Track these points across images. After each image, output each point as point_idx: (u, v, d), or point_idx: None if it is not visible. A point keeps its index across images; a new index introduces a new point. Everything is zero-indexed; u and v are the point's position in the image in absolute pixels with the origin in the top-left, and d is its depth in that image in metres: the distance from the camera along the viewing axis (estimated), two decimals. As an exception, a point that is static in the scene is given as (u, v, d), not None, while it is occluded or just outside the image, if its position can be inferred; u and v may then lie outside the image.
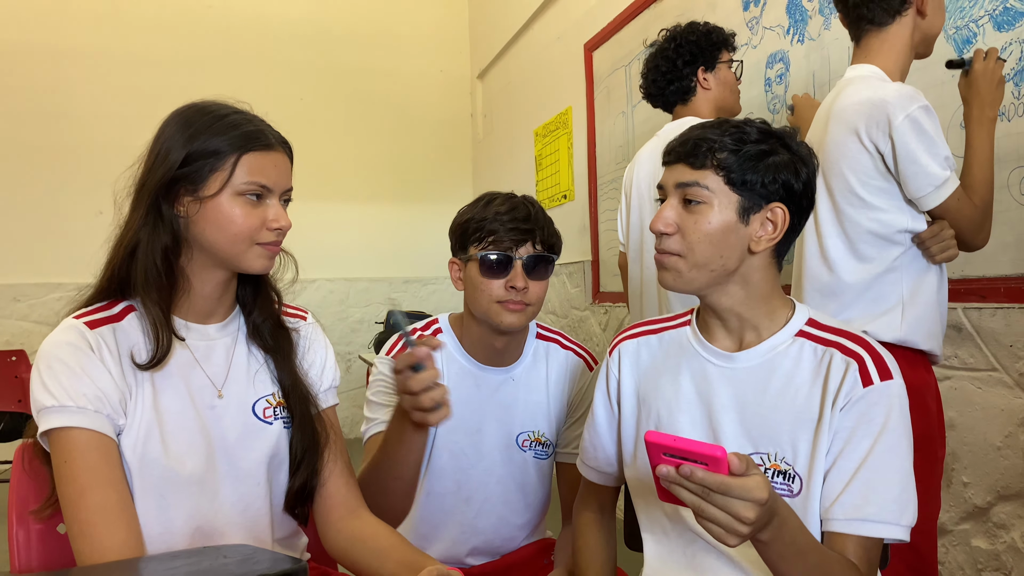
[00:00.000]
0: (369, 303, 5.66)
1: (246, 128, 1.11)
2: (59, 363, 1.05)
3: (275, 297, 1.27)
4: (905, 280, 1.59)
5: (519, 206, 1.49)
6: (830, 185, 1.64)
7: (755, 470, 0.86)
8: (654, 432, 0.86)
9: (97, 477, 1.02)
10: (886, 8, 1.62)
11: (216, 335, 1.20)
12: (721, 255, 1.11)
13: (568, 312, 4.26)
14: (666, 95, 2.24)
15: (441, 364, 1.59)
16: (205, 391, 1.16)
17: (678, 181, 1.12)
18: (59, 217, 4.85)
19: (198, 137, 1.09)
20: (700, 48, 2.16)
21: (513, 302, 1.46)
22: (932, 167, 1.51)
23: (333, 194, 5.53)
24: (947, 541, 2.05)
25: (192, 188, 1.09)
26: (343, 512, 1.23)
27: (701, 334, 1.21)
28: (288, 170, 1.17)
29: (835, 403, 1.08)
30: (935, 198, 1.53)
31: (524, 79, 5.03)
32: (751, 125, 1.12)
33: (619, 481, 1.35)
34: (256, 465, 1.17)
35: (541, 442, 1.61)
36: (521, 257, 1.46)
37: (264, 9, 5.46)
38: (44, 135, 4.90)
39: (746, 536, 0.86)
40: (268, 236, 1.12)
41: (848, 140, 1.59)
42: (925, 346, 1.59)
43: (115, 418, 1.06)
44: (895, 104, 1.52)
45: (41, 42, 4.92)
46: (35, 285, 4.85)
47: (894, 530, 1.04)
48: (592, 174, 3.99)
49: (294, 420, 1.22)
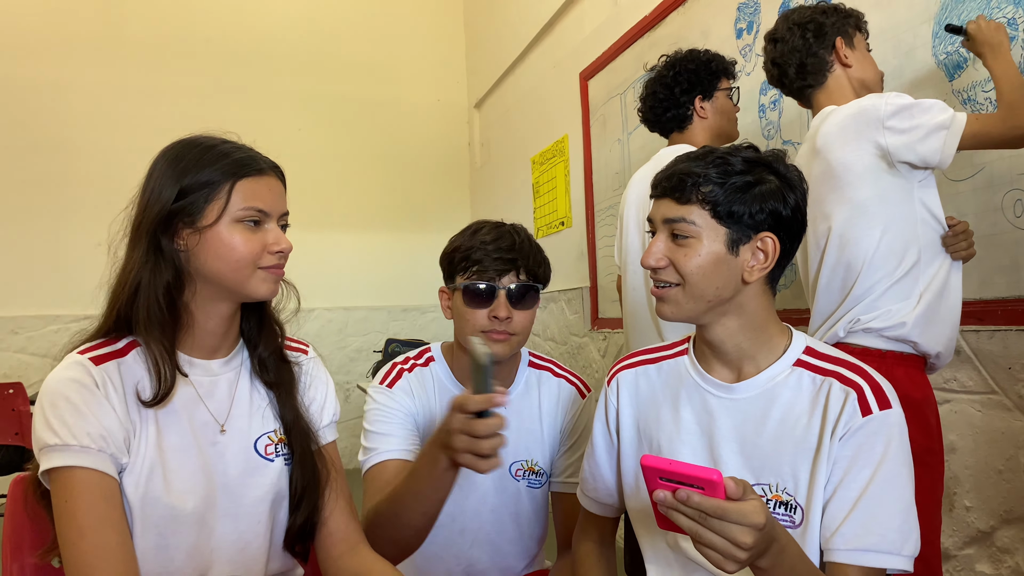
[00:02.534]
0: (368, 332, 5.65)
1: (237, 156, 1.12)
2: (64, 401, 1.04)
3: (278, 331, 1.26)
4: (925, 271, 1.64)
5: (505, 235, 1.49)
6: (846, 199, 1.67)
7: (752, 494, 0.85)
8: (650, 456, 0.86)
9: (97, 518, 1.01)
10: (815, 73, 1.81)
11: (220, 371, 1.19)
12: (716, 286, 1.11)
13: (567, 339, 4.26)
14: (662, 122, 2.24)
15: (432, 392, 1.59)
16: (208, 428, 1.15)
17: (665, 217, 1.13)
18: (57, 249, 4.86)
19: (190, 171, 1.09)
20: (698, 77, 2.16)
21: (497, 332, 1.47)
22: (934, 118, 1.57)
23: (332, 223, 5.54)
24: (951, 567, 2.04)
25: (190, 220, 1.09)
26: (344, 548, 1.22)
27: (700, 364, 1.21)
28: (283, 194, 1.17)
29: (834, 433, 1.07)
30: (953, 137, 1.56)
31: (521, 108, 5.07)
32: (737, 155, 1.12)
33: (619, 512, 1.34)
34: (257, 503, 1.16)
35: (535, 471, 1.60)
36: (505, 287, 1.46)
37: (262, 41, 5.51)
38: (42, 167, 4.92)
39: (744, 562, 0.86)
40: (270, 260, 1.12)
41: (849, 157, 1.65)
42: (928, 343, 1.62)
43: (118, 457, 1.05)
44: (873, 105, 1.63)
45: (39, 75, 4.96)
46: (33, 317, 4.84)
47: (896, 560, 1.03)
48: (589, 201, 4.01)
49: (294, 456, 1.21)
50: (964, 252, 1.68)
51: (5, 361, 4.80)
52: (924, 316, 1.62)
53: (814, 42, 1.79)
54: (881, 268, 1.64)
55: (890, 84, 2.16)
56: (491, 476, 1.56)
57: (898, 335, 1.62)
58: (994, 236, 1.89)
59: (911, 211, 1.64)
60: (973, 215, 1.92)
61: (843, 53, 1.79)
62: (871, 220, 1.65)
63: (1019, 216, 1.83)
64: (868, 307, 1.65)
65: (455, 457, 1.16)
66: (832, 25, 1.80)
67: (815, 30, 1.79)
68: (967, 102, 1.95)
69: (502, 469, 1.57)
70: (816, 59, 1.80)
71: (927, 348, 1.63)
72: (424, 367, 1.62)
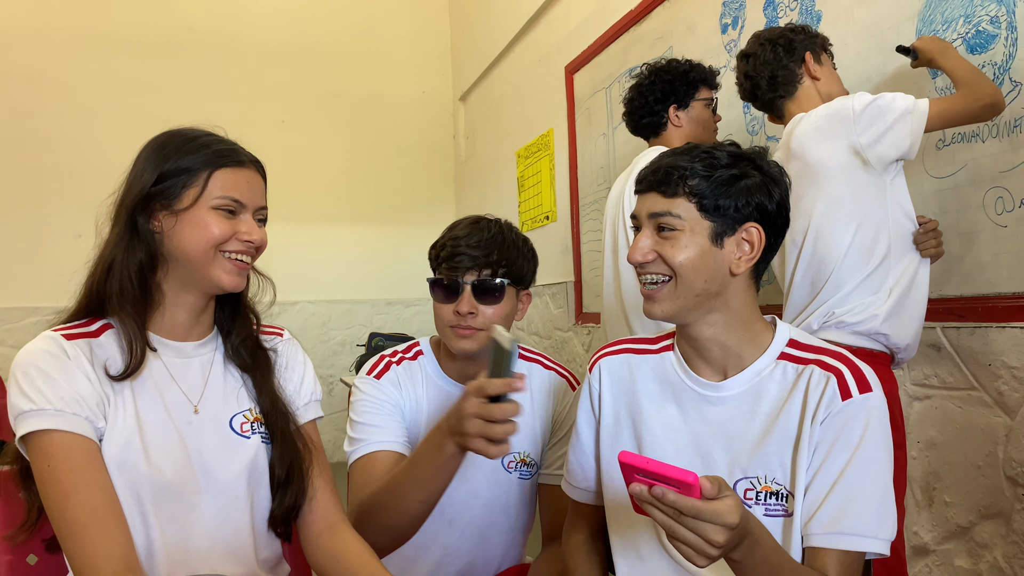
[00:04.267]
0: (351, 325, 5.63)
1: (218, 147, 1.15)
2: (35, 369, 1.05)
3: (253, 319, 1.28)
4: (895, 266, 1.73)
5: (477, 231, 1.49)
6: (824, 195, 1.76)
7: (727, 491, 0.86)
8: (627, 453, 0.86)
9: (82, 478, 1.02)
10: (785, 83, 1.91)
11: (193, 353, 1.20)
12: (704, 279, 1.11)
13: (551, 333, 4.26)
14: (640, 127, 2.34)
15: (420, 386, 1.59)
16: (181, 407, 1.16)
17: (651, 211, 1.14)
18: (37, 241, 4.80)
19: (171, 157, 1.12)
20: (672, 88, 2.25)
21: (461, 327, 1.47)
22: (897, 107, 1.67)
23: (315, 216, 5.51)
24: (930, 561, 2.06)
25: (166, 203, 1.12)
26: (323, 527, 1.22)
27: (685, 362, 1.21)
28: (262, 189, 1.19)
29: (815, 417, 1.08)
30: (919, 119, 1.66)
31: (506, 101, 5.06)
32: (721, 149, 1.13)
33: None
34: (234, 478, 1.17)
35: (526, 463, 1.61)
36: (467, 282, 1.47)
37: (245, 32, 5.45)
38: (21, 159, 4.85)
39: (716, 557, 0.87)
40: (236, 245, 1.14)
41: (824, 156, 1.74)
42: (897, 336, 1.72)
43: (94, 421, 1.06)
44: (844, 104, 1.73)
45: (18, 66, 4.88)
46: (12, 309, 4.78)
47: (873, 543, 1.04)
48: (574, 195, 4.01)
49: (275, 440, 1.21)
50: (933, 250, 1.77)
51: (-17, 353, 4.74)
52: (894, 310, 1.71)
53: (784, 56, 1.91)
54: (854, 263, 1.73)
55: (874, 80, 2.17)
56: (483, 469, 1.57)
57: (869, 329, 1.70)
58: (975, 233, 1.90)
59: (883, 208, 1.73)
60: (955, 212, 1.93)
61: (812, 67, 1.90)
62: (846, 216, 1.73)
63: (1000, 213, 1.85)
64: (841, 300, 1.73)
65: (465, 442, 1.16)
66: (801, 42, 1.92)
67: (785, 45, 1.91)
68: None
69: (495, 461, 1.57)
70: (787, 71, 1.91)
71: (896, 341, 1.72)
72: (412, 360, 1.62)
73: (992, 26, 1.86)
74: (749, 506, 1.12)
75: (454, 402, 1.56)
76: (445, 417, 1.22)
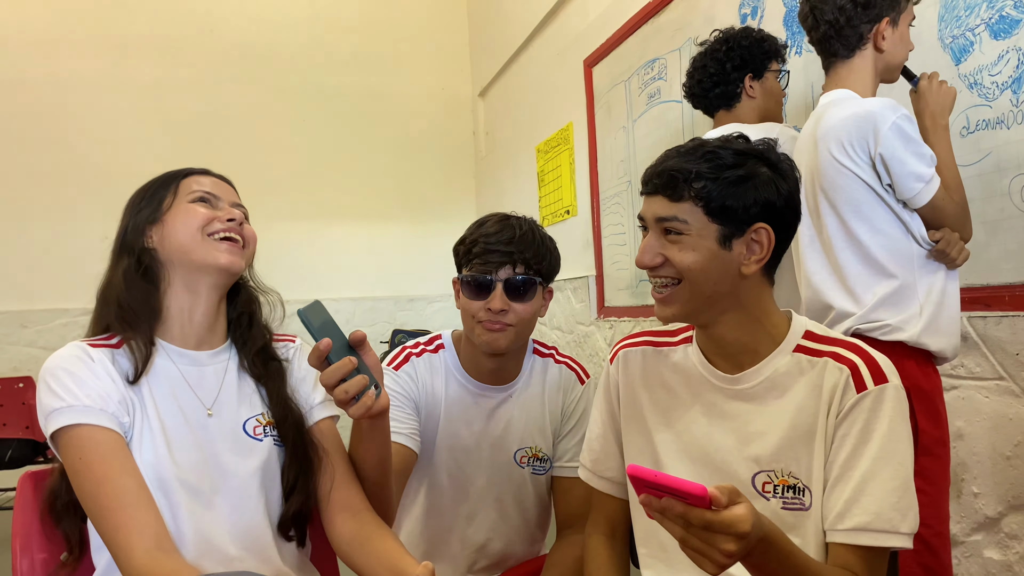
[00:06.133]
0: (374, 322, 5.66)
1: (179, 168, 1.29)
2: (63, 371, 1.12)
3: (266, 334, 1.33)
4: (921, 285, 1.63)
5: (507, 228, 1.50)
6: (834, 202, 1.67)
7: (740, 499, 0.85)
8: (636, 467, 0.85)
9: (113, 466, 1.07)
10: (845, 44, 1.73)
11: (207, 361, 1.25)
12: (713, 281, 1.10)
13: (573, 328, 4.26)
14: (710, 98, 2.18)
15: (441, 380, 1.60)
16: (196, 412, 1.20)
17: (657, 215, 1.12)
18: (64, 243, 4.87)
19: (148, 188, 1.27)
20: (751, 55, 2.11)
21: (491, 323, 1.48)
22: (919, 167, 1.59)
23: (336, 214, 5.54)
24: (959, 552, 2.03)
25: (152, 218, 1.23)
26: (347, 515, 1.24)
27: (703, 355, 1.20)
28: (232, 191, 1.30)
29: (830, 411, 1.07)
30: (925, 195, 1.60)
31: (525, 96, 5.05)
32: (727, 147, 1.10)
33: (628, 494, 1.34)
34: (248, 477, 1.20)
35: (539, 457, 1.62)
36: (501, 279, 1.48)
37: (265, 33, 5.49)
38: (48, 161, 4.93)
39: (728, 565, 0.86)
40: (220, 225, 1.22)
41: (841, 158, 1.64)
42: (938, 346, 1.63)
43: (119, 416, 1.12)
44: (880, 115, 1.60)
45: (43, 69, 4.96)
46: (42, 311, 4.86)
47: (895, 539, 1.02)
48: (594, 189, 4.00)
49: (287, 447, 1.25)
50: (960, 259, 1.66)
51: (15, 355, 4.82)
52: (927, 330, 1.61)
53: (861, 12, 1.70)
54: (874, 276, 1.64)
55: (896, 69, 2.14)
56: (496, 464, 1.59)
57: (907, 338, 1.61)
58: (1001, 221, 1.88)
59: (899, 222, 1.64)
60: (980, 200, 1.91)
61: (883, 34, 1.70)
62: (863, 225, 1.64)
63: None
64: (863, 318, 1.63)
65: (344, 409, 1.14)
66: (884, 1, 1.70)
67: (864, 1, 1.69)
68: (973, 86, 1.93)
69: (507, 455, 1.59)
70: (853, 31, 1.71)
71: (935, 351, 1.64)
72: (434, 353, 1.63)
73: (1016, 11, 1.83)
74: (767, 499, 1.11)
75: (471, 396, 1.59)
76: None
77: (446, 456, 1.58)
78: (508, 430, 1.60)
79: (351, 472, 1.28)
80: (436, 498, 1.59)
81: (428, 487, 1.60)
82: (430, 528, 1.60)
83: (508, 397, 1.61)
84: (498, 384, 1.60)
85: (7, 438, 3.94)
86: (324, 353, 1.08)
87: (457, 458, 1.58)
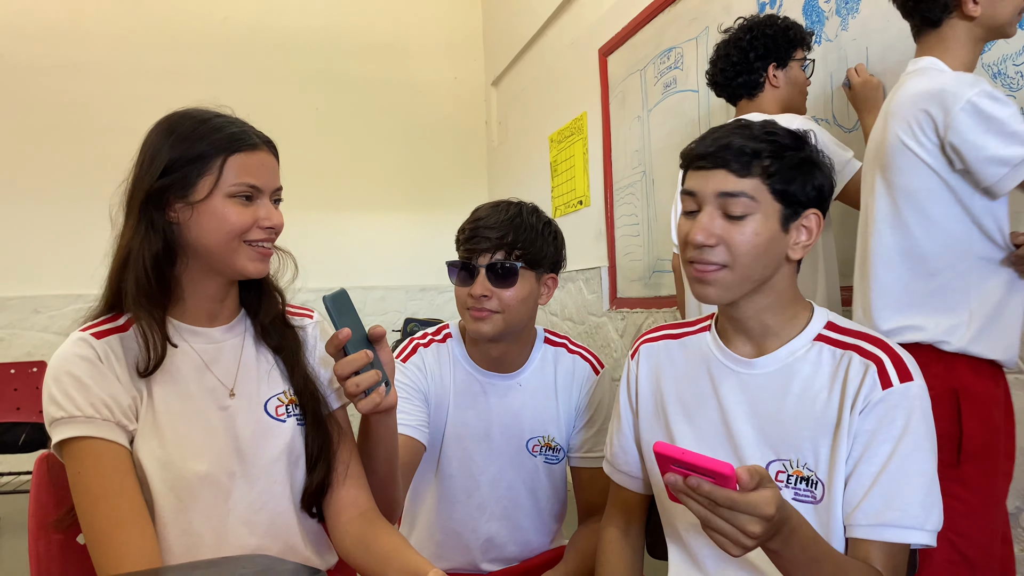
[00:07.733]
0: (386, 312, 5.66)
1: (229, 130, 1.12)
2: (67, 375, 1.06)
3: (279, 298, 1.27)
4: (975, 290, 1.51)
5: (495, 213, 1.49)
6: (891, 183, 1.57)
7: (768, 483, 0.84)
8: (662, 443, 0.85)
9: (109, 487, 1.04)
10: (929, 14, 1.60)
11: (222, 337, 1.20)
12: (764, 266, 1.08)
13: (585, 319, 4.25)
14: (732, 86, 2.16)
15: (447, 368, 1.59)
16: (217, 392, 1.16)
17: (720, 190, 1.06)
18: (78, 229, 4.88)
19: (182, 142, 1.10)
20: (775, 43, 2.07)
21: (476, 309, 1.47)
22: (1002, 149, 1.42)
23: (349, 203, 5.55)
24: None
25: (182, 194, 1.09)
26: (353, 514, 1.22)
27: (720, 339, 1.20)
28: (275, 169, 1.18)
29: (854, 406, 1.06)
30: (1011, 180, 1.43)
31: (538, 85, 5.03)
32: (777, 129, 1.09)
33: (647, 488, 1.33)
34: (272, 463, 1.17)
35: (551, 447, 1.61)
36: (482, 265, 1.47)
37: (279, 21, 5.49)
38: (63, 149, 4.95)
39: (751, 548, 0.86)
40: (259, 234, 1.13)
41: (907, 139, 1.53)
42: (992, 356, 1.52)
43: (125, 424, 1.08)
44: (953, 93, 1.47)
45: (58, 57, 4.97)
46: (56, 296, 4.89)
47: (918, 535, 1.02)
48: (608, 179, 3.98)
49: (307, 418, 1.21)
50: None
51: (29, 340, 4.86)
52: (976, 340, 1.49)
53: None
54: (908, 270, 1.55)
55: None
56: (508, 452, 1.58)
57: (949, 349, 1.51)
58: None
59: (965, 216, 1.50)
60: None
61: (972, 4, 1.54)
62: (916, 215, 1.54)
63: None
64: (894, 321, 1.55)
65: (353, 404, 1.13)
66: None
67: None
68: (997, 76, 1.91)
69: (518, 444, 1.58)
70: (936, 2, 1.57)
71: (993, 359, 1.53)
72: (441, 343, 1.63)
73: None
74: (780, 489, 1.11)
75: (479, 385, 1.58)
76: None
77: (456, 446, 1.58)
78: (518, 419, 1.59)
79: (360, 467, 1.26)
80: (448, 489, 1.59)
81: (439, 477, 1.60)
82: (444, 518, 1.60)
83: (517, 385, 1.60)
84: (504, 372, 1.60)
85: (22, 422, 3.97)
86: (343, 342, 1.07)
87: (467, 447, 1.58)
